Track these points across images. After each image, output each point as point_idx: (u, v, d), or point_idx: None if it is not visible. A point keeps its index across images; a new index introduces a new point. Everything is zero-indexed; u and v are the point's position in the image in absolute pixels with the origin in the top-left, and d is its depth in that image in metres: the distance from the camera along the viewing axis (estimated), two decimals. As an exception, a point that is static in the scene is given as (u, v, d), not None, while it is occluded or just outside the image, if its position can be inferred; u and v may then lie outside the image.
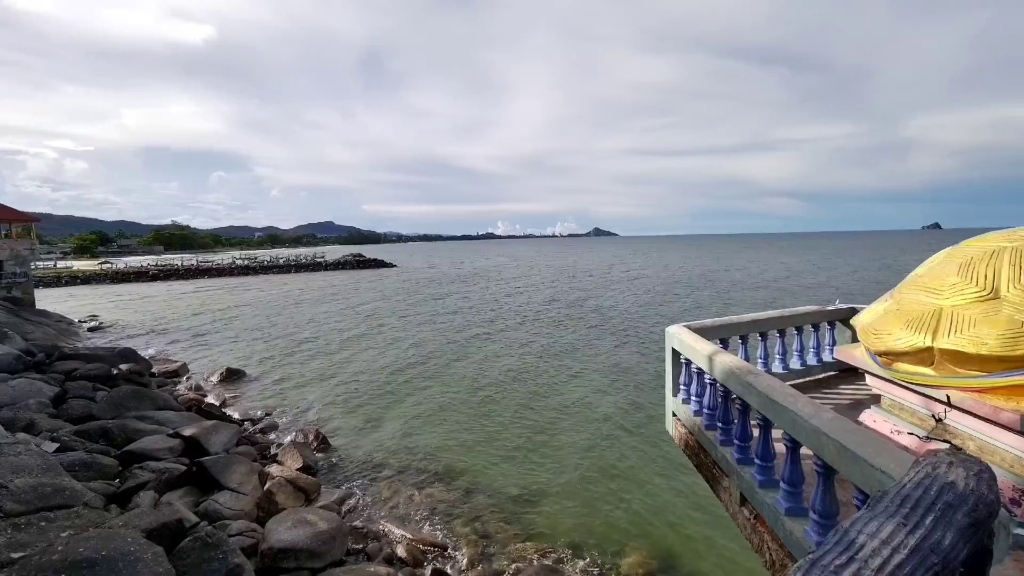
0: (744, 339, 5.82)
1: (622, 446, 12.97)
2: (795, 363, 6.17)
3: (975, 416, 3.17)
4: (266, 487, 10.26)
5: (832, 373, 6.19)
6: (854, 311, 6.37)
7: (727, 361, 3.79)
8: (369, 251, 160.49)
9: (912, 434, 3.96)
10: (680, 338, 4.84)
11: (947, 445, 1.89)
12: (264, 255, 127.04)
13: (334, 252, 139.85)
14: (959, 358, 3.20)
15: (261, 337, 28.39)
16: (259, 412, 16.70)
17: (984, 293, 3.30)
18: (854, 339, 6.18)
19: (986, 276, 3.34)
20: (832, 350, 6.24)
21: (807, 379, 6.14)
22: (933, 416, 4.03)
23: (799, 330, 6.18)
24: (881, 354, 3.75)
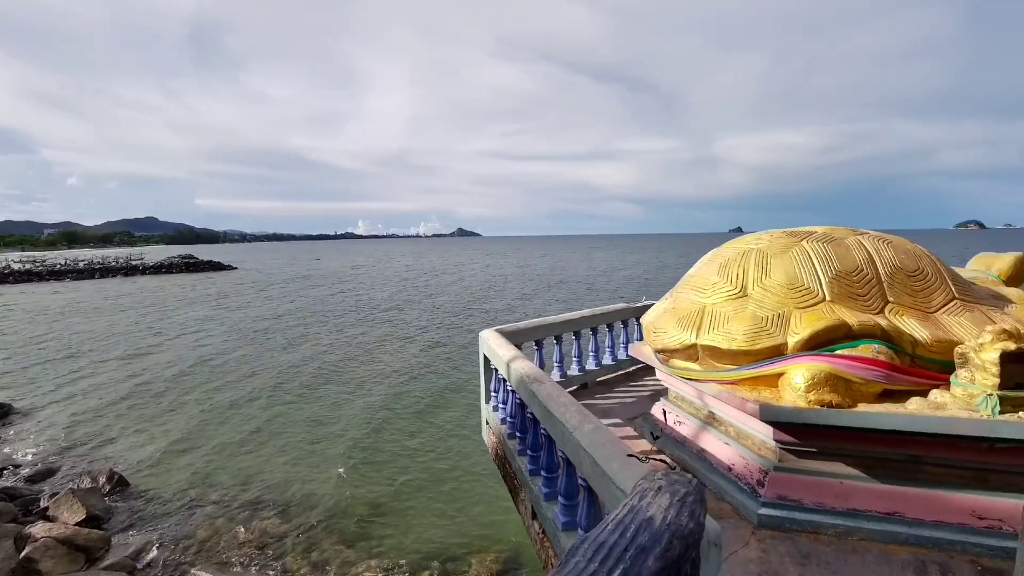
0: (559, 339, 5.89)
1: (455, 454, 12.73)
2: (607, 359, 6.46)
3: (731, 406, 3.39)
4: (23, 554, 7.94)
5: (640, 365, 6.60)
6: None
7: (520, 368, 3.65)
8: (205, 252, 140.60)
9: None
10: (488, 343, 4.66)
11: (663, 467, 1.78)
12: (57, 257, 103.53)
13: (158, 253, 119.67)
14: (716, 353, 3.42)
15: (39, 361, 22.74)
16: (28, 456, 13.21)
17: (735, 291, 3.58)
18: None
19: (737, 275, 3.64)
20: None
21: (618, 373, 6.47)
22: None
23: (610, 327, 6.48)
24: (659, 351, 3.92)
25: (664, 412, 4.60)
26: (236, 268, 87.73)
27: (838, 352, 3.05)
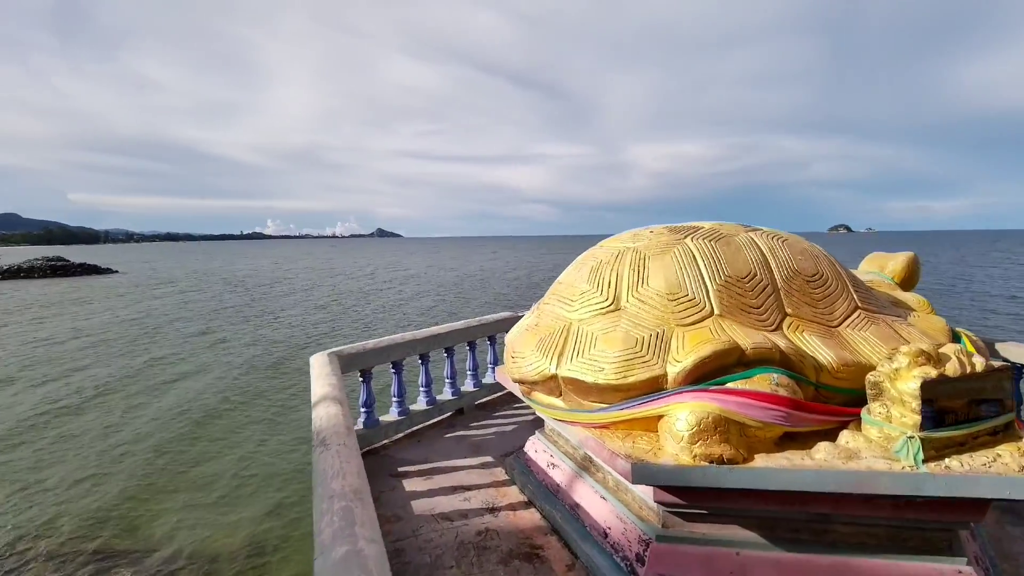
0: (425, 358, 4.88)
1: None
2: (488, 378, 5.56)
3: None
4: None
5: None
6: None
7: (319, 417, 2.59)
8: (80, 253, 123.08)
9: (555, 466, 3.39)
10: (312, 371, 3.54)
11: None
12: None
13: (19, 255, 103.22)
14: (580, 388, 2.56)
15: None
16: None
17: (607, 303, 2.76)
18: None
19: (610, 282, 2.83)
20: None
21: (501, 393, 5.57)
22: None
23: (492, 340, 5.60)
24: (517, 381, 3.02)
25: (536, 451, 3.74)
26: (117, 272, 77.45)
27: (729, 386, 2.29)
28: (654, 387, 2.39)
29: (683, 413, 2.25)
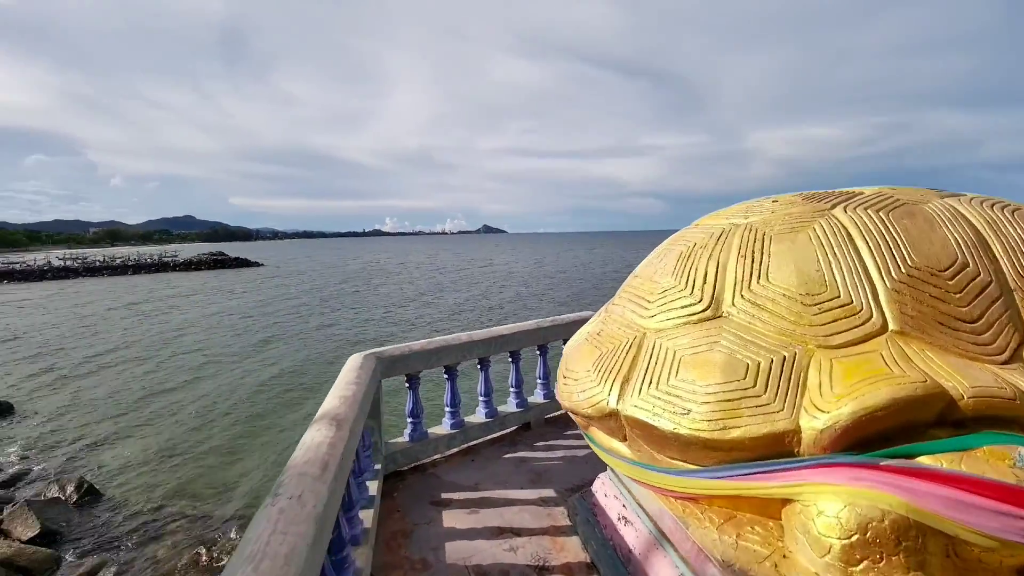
0: (484, 363, 4.20)
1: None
2: (537, 395, 4.76)
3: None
4: None
5: None
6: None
7: (307, 440, 2.01)
8: (236, 249, 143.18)
9: (627, 521, 2.49)
10: (339, 377, 3.03)
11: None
12: (97, 254, 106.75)
13: (191, 250, 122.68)
14: (652, 434, 1.67)
15: (51, 360, 22.15)
16: (14, 457, 12.36)
17: (699, 307, 1.81)
18: None
19: (706, 276, 1.87)
20: None
21: (558, 412, 4.73)
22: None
23: (542, 350, 4.69)
24: (570, 410, 2.19)
25: (606, 494, 2.87)
26: (263, 265, 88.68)
27: (923, 465, 1.28)
28: (776, 448, 1.44)
29: (832, 505, 1.29)
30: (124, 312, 33.83)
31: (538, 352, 4.70)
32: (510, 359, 4.50)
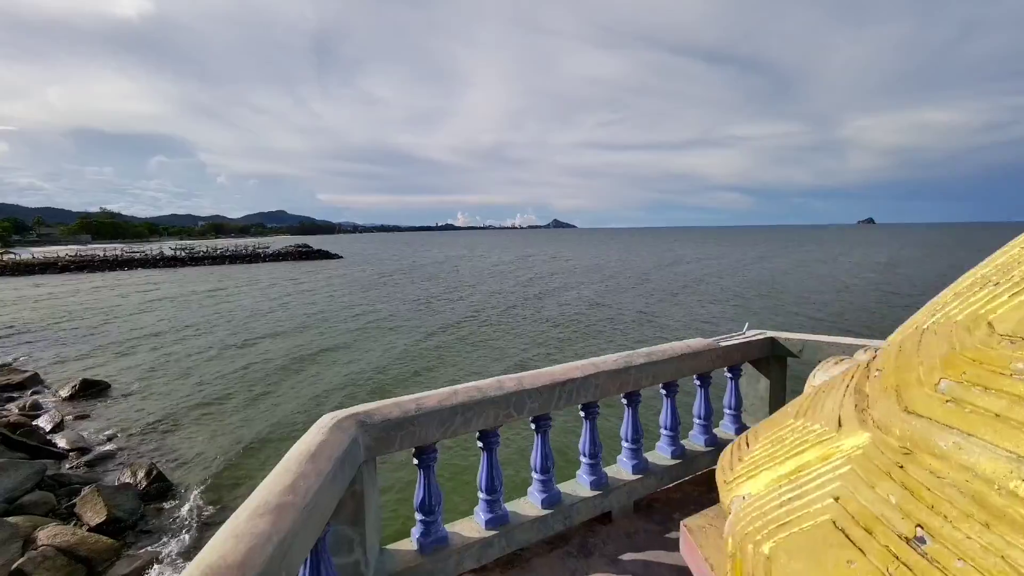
0: (544, 422, 3.07)
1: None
2: (660, 452, 3.70)
3: None
4: (15, 565, 7.37)
5: None
6: (774, 343, 4.01)
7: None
8: (319, 242, 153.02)
9: None
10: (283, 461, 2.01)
11: None
12: (201, 245, 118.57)
13: (280, 243, 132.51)
14: None
15: (154, 342, 24.54)
16: (102, 437, 13.51)
17: None
18: (775, 394, 4.10)
19: None
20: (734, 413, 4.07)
21: (685, 479, 3.65)
22: None
23: (669, 389, 3.57)
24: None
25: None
26: (342, 257, 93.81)
27: None
28: None
29: None
30: (208, 299, 36.75)
31: (626, 403, 3.39)
32: (582, 413, 3.17)
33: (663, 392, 3.60)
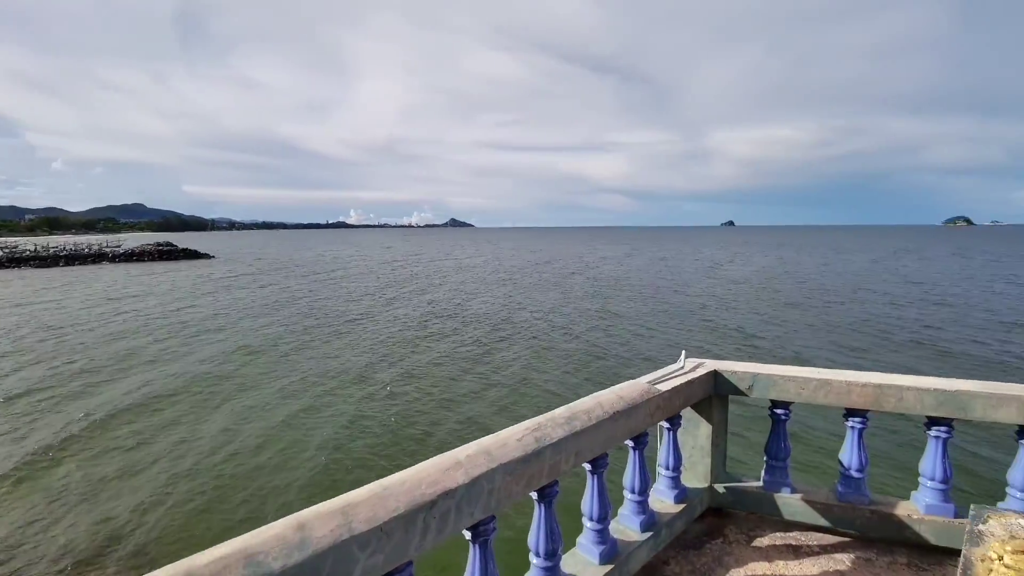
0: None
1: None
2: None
3: None
4: None
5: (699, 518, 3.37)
6: (717, 378, 3.37)
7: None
8: (189, 240, 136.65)
9: None
10: None
11: None
12: (28, 243, 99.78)
13: (138, 240, 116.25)
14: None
15: None
16: None
17: None
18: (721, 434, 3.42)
19: None
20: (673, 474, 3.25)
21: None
22: None
23: (595, 464, 2.62)
24: None
25: None
26: (214, 257, 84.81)
27: None
28: None
29: None
30: None
31: (535, 496, 2.29)
32: (469, 536, 2.05)
33: (588, 467, 2.61)
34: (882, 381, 2.98)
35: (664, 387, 2.95)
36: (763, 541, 3.08)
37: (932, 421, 2.97)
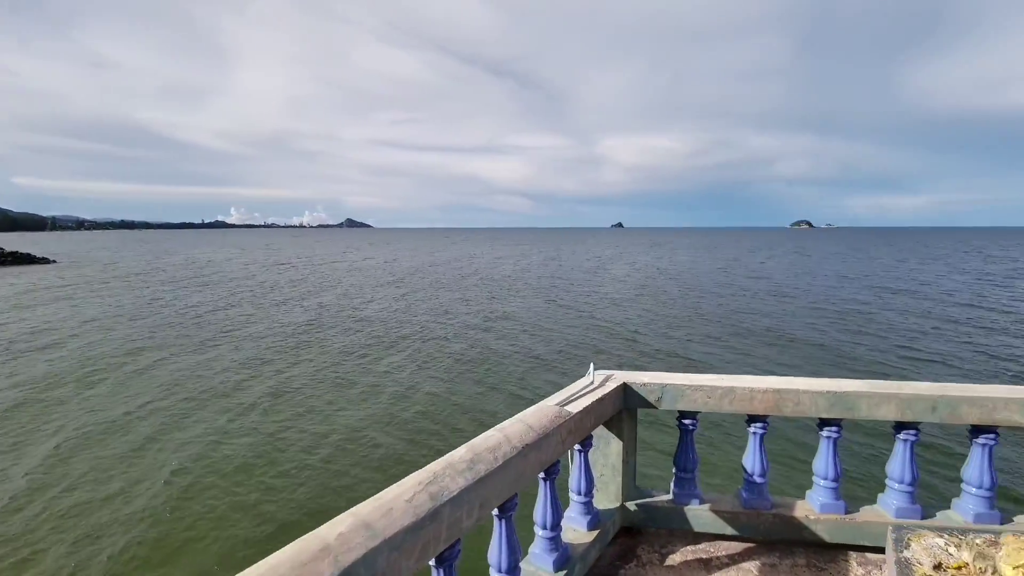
0: None
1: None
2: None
3: None
4: None
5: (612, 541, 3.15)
6: (626, 391, 3.17)
7: None
8: (17, 242, 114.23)
9: None
10: None
11: None
12: None
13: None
14: None
15: None
16: None
17: None
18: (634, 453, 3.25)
19: None
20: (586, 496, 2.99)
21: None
22: None
23: (502, 509, 2.24)
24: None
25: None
26: (54, 261, 71.96)
27: None
28: None
29: None
30: None
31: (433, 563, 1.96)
32: None
33: (495, 513, 2.23)
34: (781, 386, 3.01)
35: (575, 408, 2.67)
36: (675, 558, 2.98)
37: (824, 422, 3.06)
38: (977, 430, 2.93)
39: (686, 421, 3.18)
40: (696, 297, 31.88)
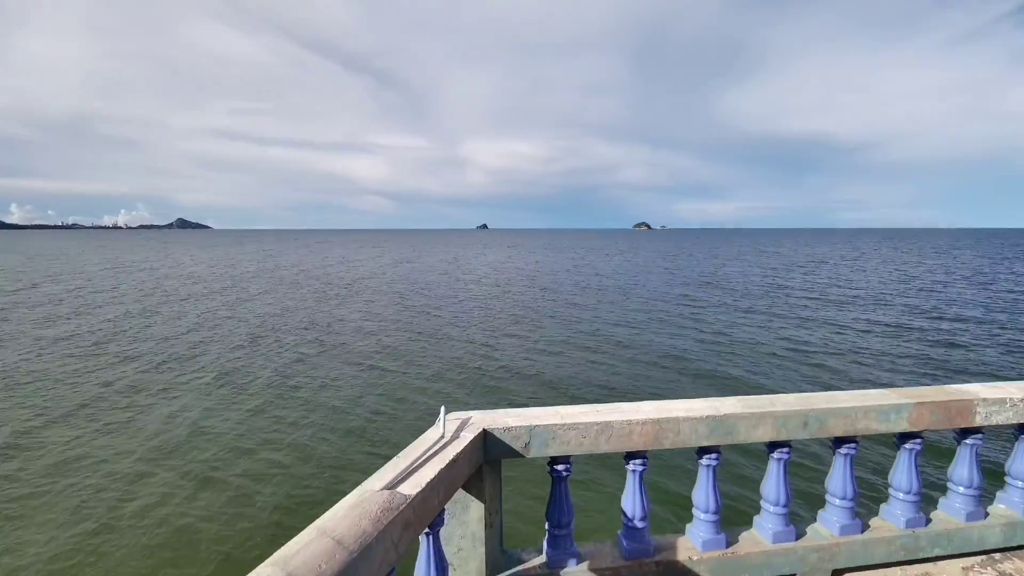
0: None
1: None
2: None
3: None
4: None
5: None
6: (487, 438, 2.50)
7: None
8: None
9: None
10: None
11: None
12: None
13: None
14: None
15: None
16: None
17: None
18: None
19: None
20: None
21: None
22: None
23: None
24: None
25: None
26: None
27: None
28: None
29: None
30: None
31: None
32: None
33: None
34: (659, 415, 2.61)
35: (415, 486, 1.84)
36: None
37: (703, 450, 2.75)
38: (840, 441, 2.86)
39: (559, 467, 2.63)
40: (542, 298, 33.11)
